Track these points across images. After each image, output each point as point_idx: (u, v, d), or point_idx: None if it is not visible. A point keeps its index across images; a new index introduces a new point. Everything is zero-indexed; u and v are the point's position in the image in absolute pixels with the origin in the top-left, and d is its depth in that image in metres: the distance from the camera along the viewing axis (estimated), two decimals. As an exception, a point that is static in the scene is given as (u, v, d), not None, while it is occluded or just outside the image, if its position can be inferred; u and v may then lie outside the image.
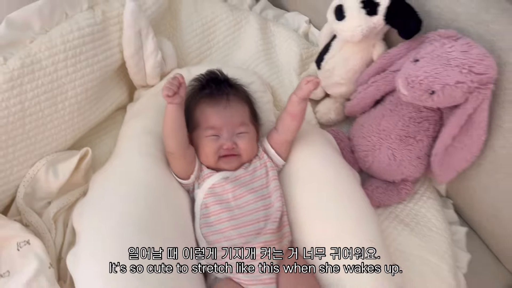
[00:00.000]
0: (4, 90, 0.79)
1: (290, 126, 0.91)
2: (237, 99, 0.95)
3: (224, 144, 0.90)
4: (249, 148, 0.92)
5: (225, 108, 0.92)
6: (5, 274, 0.80)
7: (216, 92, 0.94)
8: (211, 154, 0.91)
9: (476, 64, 0.80)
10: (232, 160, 0.92)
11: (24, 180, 0.88)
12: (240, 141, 0.91)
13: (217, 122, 0.91)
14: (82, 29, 0.89)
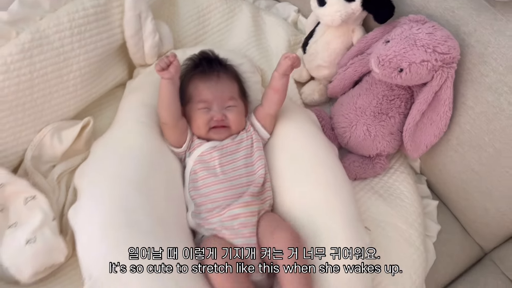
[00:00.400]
0: (15, 60, 0.89)
1: (273, 99, 1.00)
2: (226, 76, 1.04)
3: (215, 116, 0.99)
4: (237, 120, 1.01)
5: (215, 83, 1.02)
6: (13, 225, 0.90)
7: (207, 69, 1.04)
8: (203, 125, 1.00)
9: (440, 44, 0.89)
10: (221, 131, 1.01)
11: (31, 144, 0.97)
12: (229, 113, 1.00)
13: (208, 96, 1.00)
14: (87, 9, 0.98)
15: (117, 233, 0.83)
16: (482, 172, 1.00)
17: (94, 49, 1.01)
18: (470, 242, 1.16)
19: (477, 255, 1.17)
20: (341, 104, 1.11)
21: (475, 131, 0.97)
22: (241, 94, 1.06)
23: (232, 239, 0.89)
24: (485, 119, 0.95)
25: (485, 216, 1.06)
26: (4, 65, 0.88)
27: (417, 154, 1.06)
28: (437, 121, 0.99)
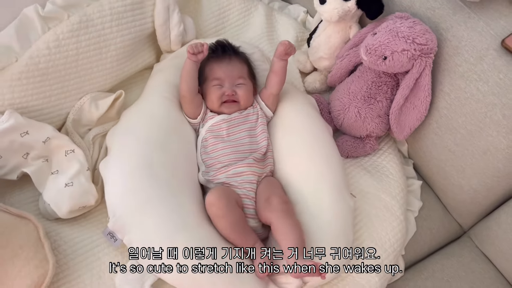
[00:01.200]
0: (66, 37, 1.09)
1: (273, 80, 1.17)
2: (237, 59, 1.22)
3: (226, 91, 1.16)
4: (245, 96, 1.18)
5: (227, 64, 1.19)
6: (55, 172, 1.08)
7: (221, 54, 1.22)
8: (216, 99, 1.17)
9: (418, 36, 1.04)
10: (232, 105, 1.18)
11: (73, 109, 1.16)
12: (238, 90, 1.17)
13: (221, 74, 1.18)
14: (124, 0, 1.18)
15: (139, 181, 1.01)
16: (457, 152, 1.14)
17: (128, 34, 1.20)
18: (449, 219, 1.28)
19: (456, 232, 1.30)
20: (337, 90, 1.27)
21: (451, 114, 1.11)
22: (250, 76, 1.23)
23: (236, 189, 1.07)
24: (458, 103, 1.09)
25: (461, 193, 1.19)
26: (57, 41, 1.08)
27: (402, 136, 1.20)
28: (418, 105, 1.13)
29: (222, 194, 1.02)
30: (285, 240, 0.94)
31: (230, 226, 0.99)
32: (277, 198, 1.02)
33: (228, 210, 1.00)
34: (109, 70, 1.20)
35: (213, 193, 1.01)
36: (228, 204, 1.00)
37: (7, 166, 1.06)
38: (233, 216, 1.00)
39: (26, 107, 1.08)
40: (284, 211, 0.99)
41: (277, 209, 0.99)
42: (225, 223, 1.00)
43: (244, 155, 1.11)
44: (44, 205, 1.05)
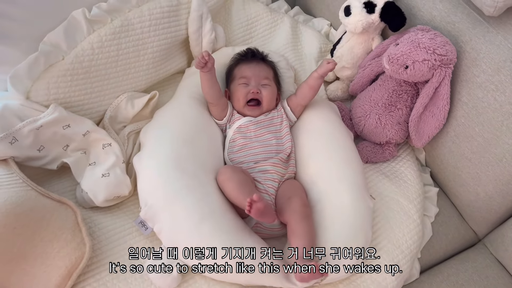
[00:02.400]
0: (108, 39, 1.17)
1: (307, 95, 1.24)
2: (265, 63, 1.30)
3: (252, 89, 1.23)
4: (269, 97, 1.24)
5: (255, 66, 1.27)
6: (92, 163, 1.16)
7: (250, 57, 1.30)
8: (242, 97, 1.24)
9: (439, 47, 1.11)
10: (255, 109, 1.24)
11: (110, 106, 1.24)
12: (263, 89, 1.24)
13: (248, 73, 1.26)
14: (163, 7, 1.26)
15: (169, 173, 1.08)
16: (473, 160, 1.18)
17: (164, 39, 1.29)
18: (465, 226, 1.32)
19: (471, 240, 1.33)
20: (359, 98, 1.33)
21: (468, 123, 1.16)
22: (275, 80, 1.30)
23: (257, 183, 1.13)
24: (476, 112, 1.14)
25: (477, 200, 1.23)
26: (100, 42, 1.16)
27: (420, 143, 1.25)
28: (437, 114, 1.19)
29: (230, 166, 1.12)
30: (294, 242, 1.00)
31: (237, 186, 1.04)
32: (299, 200, 1.08)
33: (233, 172, 1.08)
34: (145, 71, 1.28)
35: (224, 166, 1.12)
36: (234, 170, 1.08)
37: (48, 156, 1.14)
38: (238, 177, 1.06)
39: (69, 102, 1.16)
40: (302, 214, 1.05)
41: (296, 210, 1.05)
42: (232, 184, 1.05)
43: (271, 155, 1.18)
44: (82, 194, 1.12)
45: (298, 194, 1.11)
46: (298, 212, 1.05)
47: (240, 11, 1.53)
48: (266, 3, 1.61)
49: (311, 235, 1.03)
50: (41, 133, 1.10)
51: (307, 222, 1.04)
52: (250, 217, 1.12)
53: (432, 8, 1.21)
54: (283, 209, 1.08)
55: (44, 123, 1.09)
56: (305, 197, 1.12)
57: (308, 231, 1.03)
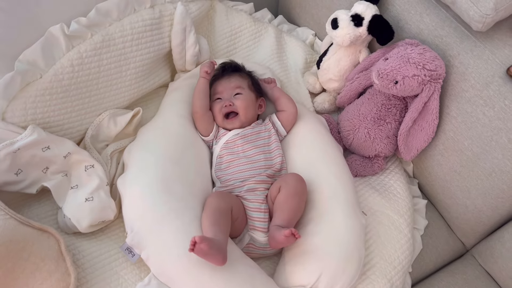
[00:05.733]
0: (89, 56, 1.12)
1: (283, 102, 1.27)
2: (238, 73, 1.28)
3: (224, 103, 1.21)
4: (243, 106, 1.21)
5: (226, 79, 1.25)
6: (75, 187, 1.10)
7: (221, 72, 1.28)
8: (217, 113, 1.22)
9: (428, 63, 1.10)
10: (233, 121, 1.22)
11: (92, 124, 1.19)
12: (236, 100, 1.22)
13: (219, 88, 1.24)
14: (145, 20, 1.21)
15: (155, 196, 1.04)
16: (462, 173, 1.19)
17: (147, 53, 1.24)
18: (453, 238, 1.33)
19: (460, 251, 1.34)
20: (347, 111, 1.32)
21: (457, 137, 1.16)
22: (252, 87, 1.27)
23: (248, 202, 1.10)
24: (465, 127, 1.14)
25: (465, 212, 1.23)
26: (80, 59, 1.11)
27: (409, 156, 1.24)
28: (426, 128, 1.18)
29: (222, 192, 1.10)
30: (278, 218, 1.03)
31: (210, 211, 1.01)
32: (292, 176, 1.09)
33: (218, 200, 1.04)
34: (127, 87, 1.24)
35: (215, 192, 1.11)
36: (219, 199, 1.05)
37: (27, 180, 1.08)
38: (218, 205, 1.03)
39: (48, 122, 1.11)
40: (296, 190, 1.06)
41: (289, 183, 1.07)
42: (208, 208, 1.02)
43: (259, 171, 1.15)
44: (64, 219, 1.06)
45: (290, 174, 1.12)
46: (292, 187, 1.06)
47: (223, 21, 1.49)
48: (250, 12, 1.57)
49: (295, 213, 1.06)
50: (18, 156, 1.04)
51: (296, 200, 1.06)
52: (241, 237, 1.09)
53: (419, 21, 1.21)
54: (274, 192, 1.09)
55: (22, 146, 1.04)
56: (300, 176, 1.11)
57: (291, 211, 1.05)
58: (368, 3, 1.23)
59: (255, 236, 1.07)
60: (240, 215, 1.07)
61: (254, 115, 1.25)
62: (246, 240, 1.07)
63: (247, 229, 1.09)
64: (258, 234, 1.07)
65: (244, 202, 1.10)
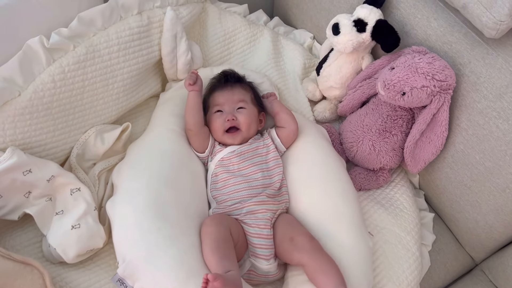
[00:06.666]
0: (72, 70, 1.03)
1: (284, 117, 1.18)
2: (240, 85, 1.20)
3: (226, 117, 1.13)
4: (246, 122, 1.14)
5: (228, 90, 1.17)
6: (60, 212, 1.02)
7: (223, 82, 1.19)
8: (218, 127, 1.14)
9: (438, 73, 1.03)
10: (235, 135, 1.14)
11: (77, 143, 1.11)
12: (239, 115, 1.14)
13: (221, 100, 1.16)
14: (132, 29, 1.12)
15: (148, 222, 0.96)
16: (473, 187, 1.12)
17: (135, 64, 1.15)
18: (462, 252, 1.27)
19: (469, 265, 1.28)
20: (350, 121, 1.24)
21: (468, 150, 1.10)
22: (254, 101, 1.20)
23: (248, 226, 1.02)
24: (476, 140, 1.07)
25: (476, 228, 1.17)
26: (63, 73, 1.02)
27: (416, 169, 1.18)
28: (434, 140, 1.12)
29: (218, 216, 1.02)
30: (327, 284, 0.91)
31: (213, 243, 0.93)
32: (303, 237, 0.99)
33: (216, 227, 0.96)
34: (115, 101, 1.15)
35: (210, 216, 1.02)
36: (218, 223, 0.97)
37: (7, 206, 1.00)
38: (218, 234, 0.95)
39: (29, 143, 1.02)
40: (314, 249, 0.96)
41: (306, 248, 0.96)
42: (209, 239, 0.94)
43: (257, 191, 1.07)
44: (49, 249, 0.98)
45: (300, 231, 1.02)
46: (309, 249, 0.96)
47: (216, 24, 1.40)
48: (244, 15, 1.49)
49: (336, 269, 0.93)
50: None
51: (325, 257, 0.95)
52: (242, 262, 1.02)
53: (426, 26, 1.13)
54: (289, 252, 0.99)
55: (1, 170, 0.95)
56: (307, 231, 1.02)
57: (331, 267, 0.93)
58: (371, 7, 1.16)
59: (257, 263, 1.00)
60: (240, 239, 0.99)
61: (255, 131, 1.18)
62: (247, 267, 1.00)
63: (247, 255, 1.02)
64: (260, 261, 1.00)
65: (244, 227, 1.02)
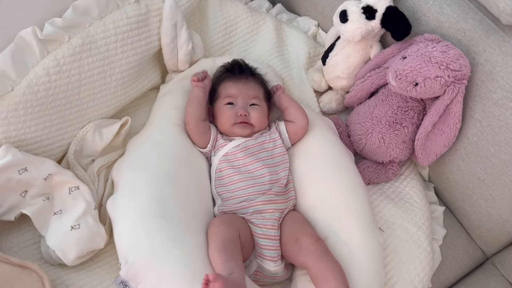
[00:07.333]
0: (67, 62, 0.98)
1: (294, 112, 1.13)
2: (254, 80, 1.15)
3: (239, 111, 1.08)
4: (259, 119, 1.10)
5: (243, 83, 1.12)
6: (58, 212, 0.98)
7: (238, 73, 1.14)
8: (227, 119, 1.09)
9: (452, 62, 0.98)
10: (246, 126, 1.09)
11: (75, 139, 1.06)
12: (252, 111, 1.09)
13: (234, 92, 1.10)
14: (130, 18, 1.07)
15: (151, 222, 0.91)
16: (487, 181, 1.08)
17: (134, 55, 1.10)
18: (473, 246, 1.24)
19: (480, 259, 1.25)
20: (358, 113, 1.20)
21: (482, 142, 1.06)
22: (265, 98, 1.15)
23: (255, 226, 0.98)
24: (491, 131, 1.03)
25: (488, 221, 1.14)
26: (57, 66, 0.96)
27: (427, 162, 1.14)
28: (447, 132, 1.07)
29: (227, 217, 0.97)
30: None
31: (219, 244, 0.89)
32: (308, 238, 0.94)
33: (225, 227, 0.92)
34: (113, 94, 1.10)
35: (218, 217, 0.99)
36: (226, 223, 0.94)
37: (3, 206, 0.96)
38: (226, 234, 0.91)
39: (24, 139, 0.97)
40: (319, 252, 0.92)
41: (310, 250, 0.92)
42: (216, 240, 0.90)
43: (264, 188, 1.03)
44: (48, 250, 0.94)
45: (306, 231, 0.97)
46: (313, 251, 0.92)
47: (217, 12, 1.35)
48: (245, 1, 1.43)
49: (340, 274, 0.89)
50: (-9, 181, 0.91)
51: (329, 260, 0.91)
52: (248, 263, 0.98)
53: (438, 13, 1.08)
54: (293, 253, 0.95)
55: (-5, 169, 0.91)
56: (313, 231, 0.99)
57: (334, 272, 0.89)
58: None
59: (263, 265, 0.96)
60: (247, 240, 0.95)
61: (264, 127, 1.14)
62: (254, 267, 0.97)
63: (254, 255, 0.98)
64: (267, 263, 0.96)
65: (251, 227, 0.98)
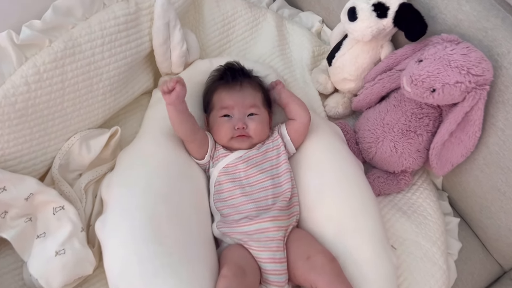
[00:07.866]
0: (48, 69, 0.88)
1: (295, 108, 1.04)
2: (250, 85, 1.05)
3: (236, 124, 0.99)
4: (259, 130, 1.01)
5: (237, 91, 1.03)
6: (41, 235, 0.89)
7: (231, 79, 1.04)
8: (224, 133, 1.00)
9: (474, 66, 0.89)
10: (244, 139, 1.01)
11: (59, 152, 0.97)
12: (250, 122, 1.00)
13: (230, 102, 1.01)
14: (117, 18, 0.97)
15: (144, 247, 0.83)
16: (508, 193, 1.00)
17: (123, 58, 1.00)
18: (490, 260, 1.16)
19: (497, 273, 1.17)
20: (367, 119, 1.11)
21: (504, 152, 0.97)
22: (264, 103, 1.06)
23: (258, 251, 0.89)
24: (515, 141, 0.95)
25: (508, 236, 1.06)
26: (37, 74, 0.87)
27: (442, 172, 1.05)
28: (465, 141, 0.99)
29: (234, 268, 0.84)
30: None
31: None
32: (322, 257, 0.86)
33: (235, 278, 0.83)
34: (101, 102, 1.01)
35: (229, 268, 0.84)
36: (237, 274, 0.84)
37: (-20, 229, 0.87)
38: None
39: (2, 156, 0.88)
40: (333, 274, 0.84)
41: (324, 270, 0.84)
42: None
43: (268, 203, 0.95)
44: (30, 278, 0.86)
45: (319, 249, 0.89)
46: (328, 272, 0.84)
47: (213, 8, 1.25)
48: (244, -4, 1.33)
49: None
50: (-34, 203, 0.82)
51: (343, 283, 0.83)
52: None
53: (457, 10, 0.98)
54: (304, 271, 0.87)
55: (-30, 190, 0.82)
56: (326, 249, 0.90)
57: None
58: (393, -12, 1.00)
59: None
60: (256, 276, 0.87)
61: (266, 136, 1.05)
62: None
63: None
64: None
65: (254, 253, 0.89)
